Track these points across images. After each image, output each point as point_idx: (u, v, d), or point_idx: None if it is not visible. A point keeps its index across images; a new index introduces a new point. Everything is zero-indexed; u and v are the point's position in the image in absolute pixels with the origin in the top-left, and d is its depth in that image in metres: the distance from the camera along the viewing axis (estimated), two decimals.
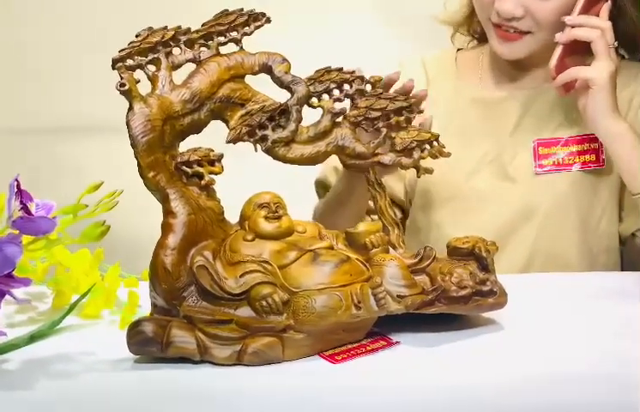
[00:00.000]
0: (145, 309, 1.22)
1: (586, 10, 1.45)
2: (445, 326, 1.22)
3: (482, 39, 1.61)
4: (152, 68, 1.23)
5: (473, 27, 1.62)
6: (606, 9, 1.46)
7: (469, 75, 1.60)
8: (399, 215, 1.59)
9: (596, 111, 1.43)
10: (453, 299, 1.19)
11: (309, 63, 1.26)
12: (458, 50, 1.64)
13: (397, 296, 1.17)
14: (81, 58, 1.91)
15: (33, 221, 1.07)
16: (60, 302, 1.29)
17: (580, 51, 1.45)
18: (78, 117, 1.92)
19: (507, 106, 1.55)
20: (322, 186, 1.62)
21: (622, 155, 1.44)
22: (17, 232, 1.08)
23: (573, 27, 1.44)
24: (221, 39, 1.26)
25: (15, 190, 1.08)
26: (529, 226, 1.52)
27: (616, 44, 1.45)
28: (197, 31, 1.25)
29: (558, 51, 1.45)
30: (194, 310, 1.15)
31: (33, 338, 1.20)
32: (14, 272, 1.07)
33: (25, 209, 1.07)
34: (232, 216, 1.22)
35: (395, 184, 1.59)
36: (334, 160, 1.58)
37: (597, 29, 1.43)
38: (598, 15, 1.46)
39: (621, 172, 1.46)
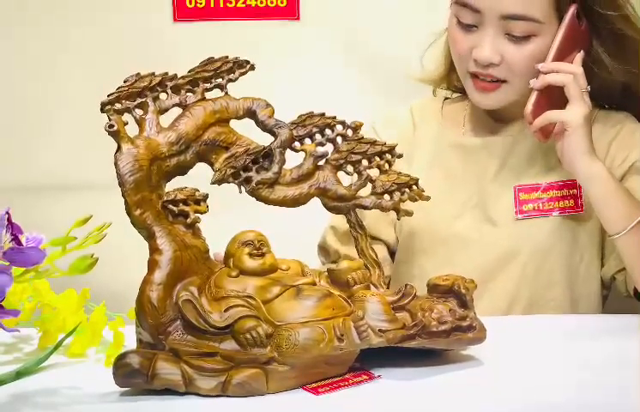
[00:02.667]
0: (130, 347, 1.23)
1: (559, 59, 1.49)
2: (426, 362, 1.24)
3: (465, 91, 1.64)
4: (139, 111, 1.26)
5: (453, 83, 1.66)
6: (579, 58, 1.50)
7: (453, 123, 1.64)
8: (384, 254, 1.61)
9: (572, 152, 1.47)
10: (433, 334, 1.22)
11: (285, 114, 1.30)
12: (445, 99, 1.68)
13: (379, 330, 1.19)
14: (56, 116, 1.93)
15: (23, 251, 1.10)
16: (46, 342, 1.31)
17: (555, 97, 1.49)
18: (52, 175, 1.94)
19: (488, 152, 1.59)
20: (323, 251, 1.65)
21: (598, 196, 1.47)
22: (7, 263, 1.10)
23: (546, 73, 1.49)
24: (207, 84, 1.29)
25: (6, 222, 1.10)
26: (511, 270, 1.55)
27: (589, 88, 1.49)
28: (184, 77, 1.29)
29: (534, 96, 1.49)
30: (179, 343, 1.17)
31: (19, 374, 1.22)
32: (3, 303, 1.09)
33: (16, 240, 1.09)
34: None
35: (386, 228, 1.62)
36: (332, 220, 1.63)
37: (569, 74, 1.48)
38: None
39: (598, 213, 1.49)
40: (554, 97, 1.49)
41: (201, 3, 1.90)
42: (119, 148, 1.22)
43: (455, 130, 1.63)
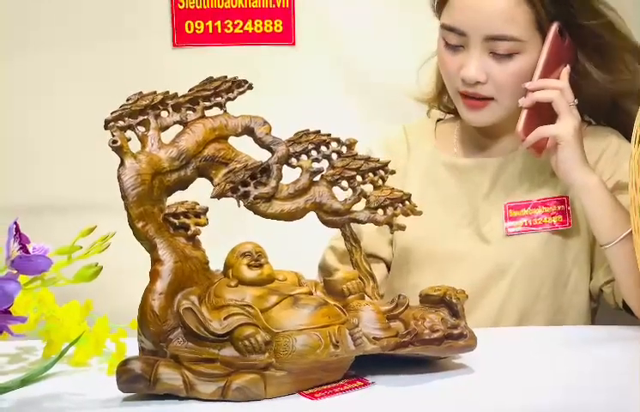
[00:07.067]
0: None
1: (545, 77, 1.54)
2: (419, 370, 1.28)
3: (457, 112, 1.69)
4: (141, 128, 1.30)
5: (444, 104, 1.72)
6: (565, 73, 1.56)
7: (445, 144, 1.69)
8: (384, 272, 1.66)
9: (567, 164, 1.52)
10: (426, 342, 1.26)
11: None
12: (438, 120, 1.73)
13: (373, 338, 1.23)
14: (60, 141, 1.97)
15: (31, 259, 1.14)
16: (50, 352, 1.34)
17: (544, 114, 1.54)
18: (51, 196, 1.98)
19: (479, 173, 1.64)
20: (323, 271, 1.69)
21: (592, 206, 1.51)
22: (16, 271, 1.14)
23: (534, 91, 1.54)
24: (207, 103, 1.34)
25: (14, 232, 1.15)
26: (501, 285, 1.59)
27: (576, 101, 1.53)
28: (184, 96, 1.33)
29: (524, 114, 1.54)
30: (180, 350, 1.21)
31: (24, 382, 1.25)
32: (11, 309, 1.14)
33: (24, 248, 1.14)
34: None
35: (385, 246, 1.67)
36: (331, 241, 1.68)
37: (556, 89, 1.53)
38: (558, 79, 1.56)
39: (591, 222, 1.53)
40: (544, 113, 1.54)
41: (199, 30, 1.95)
42: (122, 162, 1.26)
43: (447, 149, 1.68)
